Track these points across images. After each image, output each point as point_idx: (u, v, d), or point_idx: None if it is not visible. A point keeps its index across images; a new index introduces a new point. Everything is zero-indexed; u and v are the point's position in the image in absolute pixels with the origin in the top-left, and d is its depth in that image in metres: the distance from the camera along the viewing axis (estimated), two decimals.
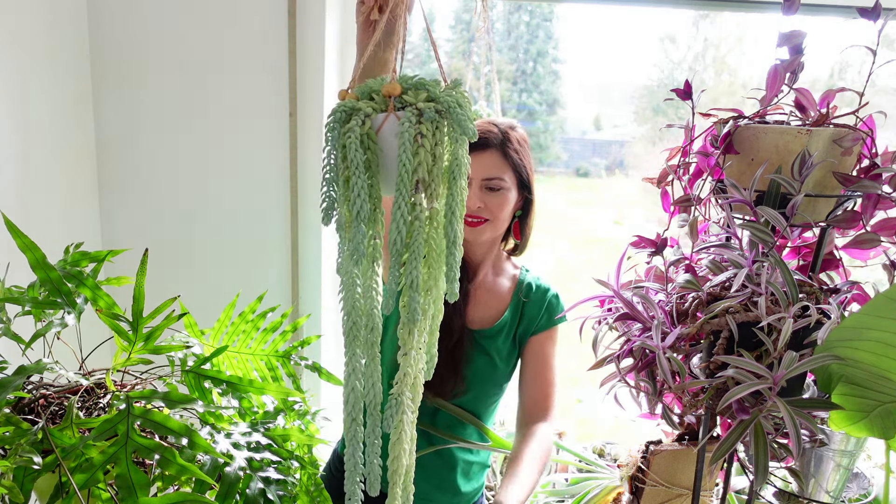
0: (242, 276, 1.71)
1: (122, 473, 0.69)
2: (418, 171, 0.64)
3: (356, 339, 0.68)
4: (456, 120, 0.64)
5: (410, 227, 0.65)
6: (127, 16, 1.56)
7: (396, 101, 0.66)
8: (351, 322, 0.68)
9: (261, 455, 0.84)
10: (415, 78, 0.68)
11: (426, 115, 0.64)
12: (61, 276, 0.85)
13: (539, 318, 1.22)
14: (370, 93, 0.68)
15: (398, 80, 0.68)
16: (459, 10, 2.37)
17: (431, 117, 0.64)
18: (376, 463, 0.72)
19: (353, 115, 0.65)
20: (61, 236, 1.53)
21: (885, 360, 0.72)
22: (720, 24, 2.25)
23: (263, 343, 1.05)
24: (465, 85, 1.41)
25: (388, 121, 0.65)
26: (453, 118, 0.64)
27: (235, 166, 1.65)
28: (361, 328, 0.68)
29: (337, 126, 0.65)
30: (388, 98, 0.66)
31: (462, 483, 1.26)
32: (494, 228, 1.16)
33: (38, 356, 0.88)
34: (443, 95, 0.66)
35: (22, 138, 1.39)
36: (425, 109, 0.64)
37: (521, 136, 1.20)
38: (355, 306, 0.68)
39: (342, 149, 0.65)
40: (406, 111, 0.64)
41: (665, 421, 1.00)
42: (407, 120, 0.63)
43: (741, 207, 0.86)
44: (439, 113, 0.65)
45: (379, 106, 0.66)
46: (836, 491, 1.06)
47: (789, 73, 0.87)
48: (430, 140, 0.64)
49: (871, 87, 0.84)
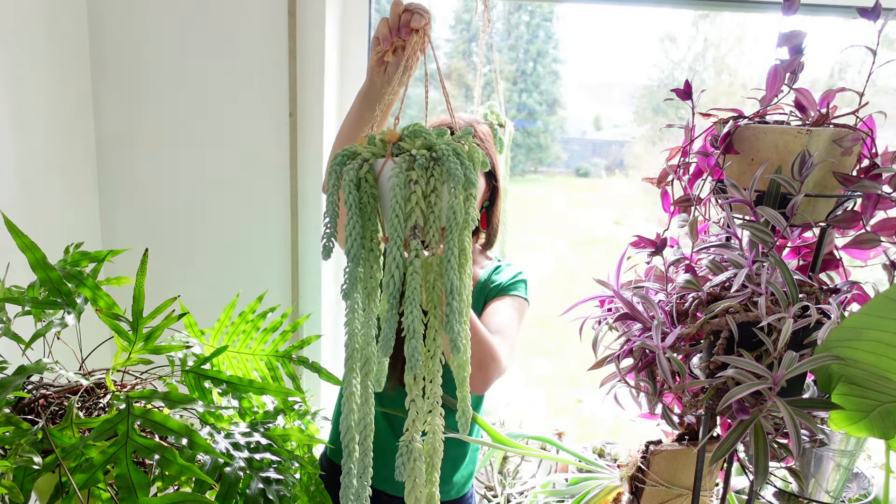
0: (242, 276, 1.71)
1: (122, 473, 0.69)
2: (411, 218, 0.65)
3: (354, 367, 0.70)
4: (449, 169, 0.64)
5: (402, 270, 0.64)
6: (127, 16, 1.56)
7: (395, 147, 0.68)
8: (350, 350, 0.69)
9: (261, 455, 0.84)
10: (415, 127, 0.70)
11: (418, 161, 0.65)
12: (61, 276, 0.85)
13: (499, 285, 1.23)
14: (373, 141, 0.70)
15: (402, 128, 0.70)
16: (459, 10, 2.38)
17: (423, 164, 0.65)
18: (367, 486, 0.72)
19: (352, 159, 0.67)
20: (61, 236, 1.53)
21: (885, 360, 0.72)
22: (720, 24, 2.25)
23: (263, 343, 1.05)
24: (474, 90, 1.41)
25: (386, 166, 0.67)
26: (447, 167, 0.64)
27: (235, 166, 1.65)
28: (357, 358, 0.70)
29: (337, 168, 0.68)
30: (388, 144, 0.68)
31: (450, 471, 1.27)
32: None
33: (38, 356, 0.88)
34: (440, 143, 0.67)
35: (22, 138, 1.39)
36: (418, 156, 0.65)
37: (484, 130, 1.21)
38: (353, 334, 0.69)
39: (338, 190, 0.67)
40: (400, 157, 0.66)
41: (665, 421, 1.00)
42: (398, 166, 0.64)
43: (741, 207, 0.86)
44: (435, 160, 0.66)
45: (381, 151, 0.68)
46: (836, 491, 1.06)
47: (789, 73, 0.87)
48: (422, 186, 0.65)
49: (871, 87, 0.84)
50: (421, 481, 0.72)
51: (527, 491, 1.55)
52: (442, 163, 0.65)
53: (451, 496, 1.30)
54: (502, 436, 1.35)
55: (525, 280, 1.26)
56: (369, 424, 0.71)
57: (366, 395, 0.71)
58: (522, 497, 1.53)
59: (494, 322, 1.15)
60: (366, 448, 0.71)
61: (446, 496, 1.30)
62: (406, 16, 0.82)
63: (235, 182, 1.66)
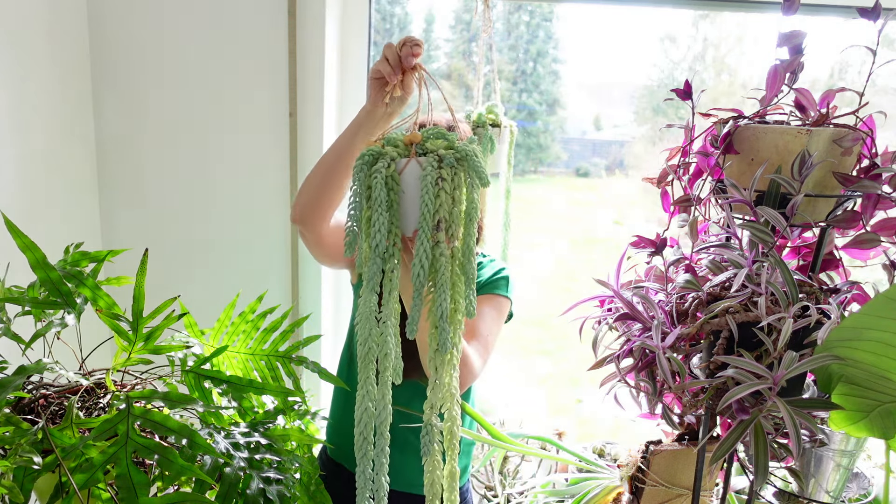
0: (242, 276, 1.71)
1: (122, 473, 0.69)
2: (440, 212, 0.70)
3: (369, 365, 0.72)
4: (472, 167, 0.71)
5: (437, 262, 0.70)
6: (127, 16, 1.56)
7: (418, 147, 0.73)
8: (367, 348, 0.72)
9: (260, 455, 0.84)
10: (435, 129, 0.76)
11: (446, 160, 0.71)
12: (61, 276, 0.85)
13: (480, 282, 1.23)
14: (394, 142, 0.75)
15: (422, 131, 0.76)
16: (459, 10, 2.37)
17: (451, 163, 0.71)
18: (384, 480, 0.75)
19: (379, 159, 0.71)
20: (61, 236, 1.53)
21: (885, 360, 0.72)
22: (720, 24, 2.25)
23: (264, 343, 1.05)
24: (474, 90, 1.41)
25: (410, 165, 0.72)
26: (470, 165, 0.71)
27: (235, 166, 1.65)
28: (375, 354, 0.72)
29: (365, 168, 0.71)
30: (409, 145, 0.74)
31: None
32: None
33: (38, 356, 0.88)
34: (460, 145, 0.73)
35: (22, 138, 1.39)
36: (445, 156, 0.71)
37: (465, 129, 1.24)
38: (371, 334, 0.72)
39: (367, 189, 0.71)
40: (428, 157, 0.71)
41: (665, 421, 1.00)
42: (430, 164, 0.70)
43: (741, 207, 0.86)
44: (458, 160, 0.71)
45: (402, 152, 0.73)
46: (836, 491, 1.06)
47: (789, 73, 0.87)
48: (449, 184, 0.71)
49: (871, 87, 0.84)
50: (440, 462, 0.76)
51: (527, 491, 1.55)
52: (465, 162, 0.71)
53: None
54: (502, 434, 1.35)
55: (507, 277, 1.25)
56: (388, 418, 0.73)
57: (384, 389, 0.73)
58: (522, 497, 1.53)
59: (470, 324, 1.15)
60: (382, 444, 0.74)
61: None
62: (406, 50, 0.87)
63: (235, 182, 1.66)
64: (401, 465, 1.16)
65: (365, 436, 0.73)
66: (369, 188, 0.71)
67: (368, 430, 0.73)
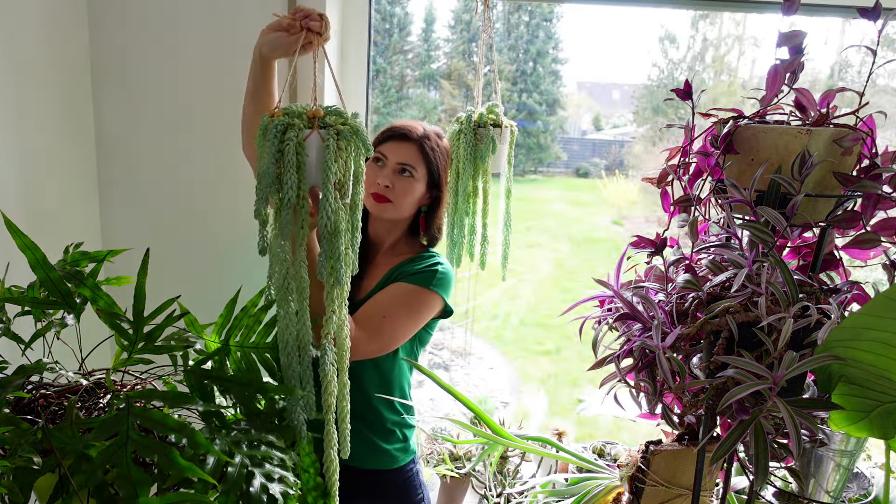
0: (242, 275, 1.71)
1: (122, 473, 0.69)
2: (337, 174, 0.88)
3: (289, 293, 0.92)
4: (361, 139, 0.90)
5: (336, 215, 0.87)
6: (127, 15, 1.56)
7: (319, 121, 0.89)
8: (285, 285, 0.92)
9: (262, 453, 0.84)
10: (333, 107, 0.92)
11: (342, 134, 0.88)
12: (61, 276, 0.85)
13: (406, 271, 1.26)
14: (295, 114, 0.89)
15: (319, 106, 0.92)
16: (459, 11, 2.37)
17: (346, 136, 0.88)
18: (310, 391, 0.95)
19: (289, 129, 0.87)
20: (61, 236, 1.52)
21: (885, 360, 0.72)
22: (720, 24, 2.25)
23: (266, 337, 1.04)
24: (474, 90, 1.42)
25: (313, 136, 0.87)
26: (359, 138, 0.90)
27: (236, 166, 1.65)
28: (293, 284, 0.92)
29: (278, 135, 0.87)
30: (311, 119, 0.89)
31: (381, 441, 1.30)
32: (395, 211, 1.29)
33: (38, 356, 0.88)
34: (352, 121, 0.91)
35: (22, 138, 1.39)
36: (342, 130, 0.88)
37: (444, 145, 1.33)
38: (287, 273, 0.91)
39: (278, 153, 0.86)
40: (328, 130, 0.88)
41: (665, 421, 1.00)
42: (331, 136, 0.87)
43: (741, 207, 0.86)
44: (351, 134, 0.89)
45: (306, 124, 0.89)
46: (836, 491, 1.06)
47: (789, 73, 0.87)
48: (344, 152, 0.89)
49: (871, 87, 0.84)
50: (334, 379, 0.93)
51: (527, 491, 1.55)
52: (356, 135, 0.89)
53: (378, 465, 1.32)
54: (503, 430, 1.35)
55: (438, 271, 1.26)
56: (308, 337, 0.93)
57: (303, 315, 0.92)
58: (522, 497, 1.53)
59: (367, 305, 1.22)
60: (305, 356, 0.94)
61: (374, 464, 1.31)
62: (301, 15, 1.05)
63: (236, 182, 1.66)
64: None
65: (291, 357, 0.93)
66: (280, 152, 0.86)
67: (294, 351, 0.93)
